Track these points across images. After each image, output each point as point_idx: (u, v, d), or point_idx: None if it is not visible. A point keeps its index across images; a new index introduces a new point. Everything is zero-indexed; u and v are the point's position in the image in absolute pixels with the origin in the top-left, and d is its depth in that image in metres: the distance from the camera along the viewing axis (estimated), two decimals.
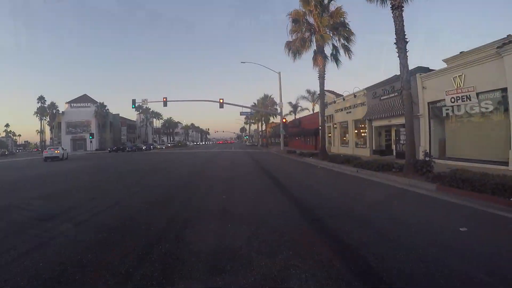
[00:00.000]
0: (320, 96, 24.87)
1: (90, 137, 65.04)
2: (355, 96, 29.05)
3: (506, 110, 13.47)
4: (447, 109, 16.77)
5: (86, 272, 3.62)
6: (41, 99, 74.74)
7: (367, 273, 3.55)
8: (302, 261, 3.81)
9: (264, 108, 63.53)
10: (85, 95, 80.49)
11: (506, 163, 13.04)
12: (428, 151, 13.68)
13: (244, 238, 4.73)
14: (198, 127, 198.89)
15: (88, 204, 7.91)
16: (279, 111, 45.42)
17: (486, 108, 14.62)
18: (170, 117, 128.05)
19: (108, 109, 78.92)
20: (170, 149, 74.07)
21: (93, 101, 78.09)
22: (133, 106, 43.64)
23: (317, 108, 47.06)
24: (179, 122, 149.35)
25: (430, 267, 3.64)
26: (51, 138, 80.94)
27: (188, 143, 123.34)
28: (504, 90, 13.38)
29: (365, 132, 28.06)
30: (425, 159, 11.41)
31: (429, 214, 6.49)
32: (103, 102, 76.89)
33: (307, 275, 3.43)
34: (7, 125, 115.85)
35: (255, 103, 71.82)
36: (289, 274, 3.48)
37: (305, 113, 60.93)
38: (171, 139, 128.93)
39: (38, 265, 3.82)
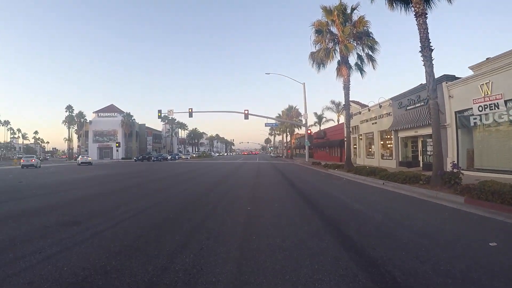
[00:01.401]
0: (345, 107, 24.71)
1: (117, 145, 66.67)
2: (380, 106, 28.70)
3: None
4: (475, 118, 16.32)
5: None
6: (69, 108, 77.66)
7: None
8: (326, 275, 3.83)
9: (288, 119, 63.60)
10: (112, 105, 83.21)
11: None
12: (456, 162, 13.31)
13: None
14: (223, 138, 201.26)
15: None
16: (303, 122, 45.41)
17: None
18: (195, 128, 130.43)
19: (134, 119, 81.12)
20: (195, 159, 74.96)
21: (119, 111, 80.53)
22: (159, 116, 44.76)
23: (342, 119, 46.87)
24: (204, 133, 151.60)
25: (458, 283, 3.56)
26: (78, 146, 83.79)
27: (212, 153, 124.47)
28: None
29: (391, 143, 27.60)
30: (453, 170, 11.12)
31: (457, 228, 6.32)
32: (129, 112, 79.34)
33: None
34: (36, 132, 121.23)
35: (279, 114, 72.09)
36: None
37: (330, 124, 60.69)
38: (196, 150, 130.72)
39: None
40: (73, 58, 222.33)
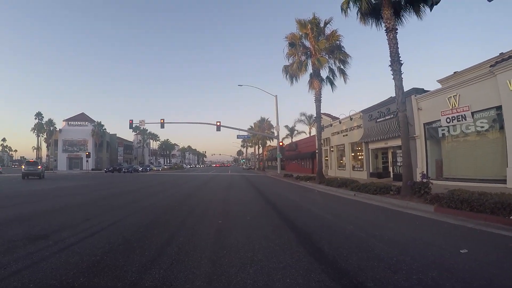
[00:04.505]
0: (317, 120, 24.89)
1: (87, 155, 64.39)
2: (351, 119, 29.19)
3: (502, 127, 13.50)
4: (443, 130, 16.81)
5: None
6: (39, 115, 74.60)
7: None
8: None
9: (261, 131, 63.74)
10: (82, 113, 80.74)
11: (504, 181, 12.98)
12: (425, 172, 13.62)
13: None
14: (195, 149, 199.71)
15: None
16: (275, 134, 45.55)
17: (482, 127, 14.67)
18: (167, 139, 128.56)
19: (105, 129, 78.97)
20: (167, 171, 73.48)
21: (90, 120, 78.26)
22: (131, 126, 43.74)
23: (313, 131, 47.42)
24: (176, 144, 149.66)
25: None
26: (47, 155, 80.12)
27: (184, 165, 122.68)
28: (499, 108, 13.47)
29: (362, 155, 28.02)
30: (422, 180, 11.29)
31: (428, 236, 6.30)
32: (100, 122, 77.14)
33: None
34: (3, 140, 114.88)
35: (251, 126, 72.14)
36: None
37: (302, 136, 61.29)
38: (168, 161, 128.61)
39: None
40: (43, 62, 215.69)
